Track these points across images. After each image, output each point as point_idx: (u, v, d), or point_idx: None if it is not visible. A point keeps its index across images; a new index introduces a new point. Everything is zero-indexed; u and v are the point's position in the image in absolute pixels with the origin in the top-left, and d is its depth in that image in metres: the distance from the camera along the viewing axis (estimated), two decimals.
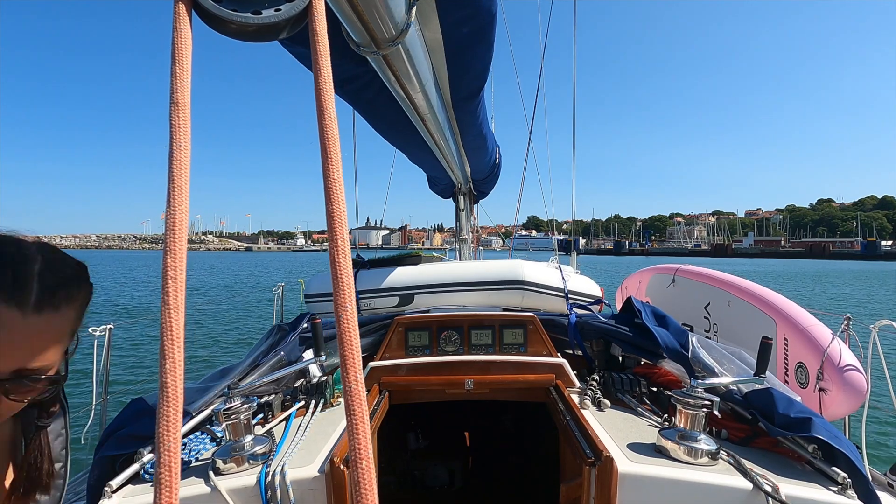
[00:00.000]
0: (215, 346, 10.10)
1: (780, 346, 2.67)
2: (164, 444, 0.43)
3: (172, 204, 0.46)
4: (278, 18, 0.58)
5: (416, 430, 3.07)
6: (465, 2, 1.62)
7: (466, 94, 2.37)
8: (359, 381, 0.50)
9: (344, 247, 0.52)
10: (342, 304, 0.51)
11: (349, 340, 0.51)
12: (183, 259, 0.46)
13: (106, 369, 2.84)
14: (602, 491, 1.23)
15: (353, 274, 0.53)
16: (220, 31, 0.59)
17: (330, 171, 0.54)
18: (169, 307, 0.45)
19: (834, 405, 2.31)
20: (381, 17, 1.29)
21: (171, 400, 0.43)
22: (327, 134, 0.55)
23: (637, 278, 4.67)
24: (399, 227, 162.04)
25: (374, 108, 2.36)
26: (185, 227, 0.47)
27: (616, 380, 1.90)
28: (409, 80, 1.79)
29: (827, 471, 1.26)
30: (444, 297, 3.03)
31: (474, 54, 1.96)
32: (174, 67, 0.49)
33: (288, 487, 1.23)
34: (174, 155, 0.48)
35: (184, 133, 0.48)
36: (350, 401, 0.49)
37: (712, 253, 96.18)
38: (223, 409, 1.34)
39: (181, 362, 0.45)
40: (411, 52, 1.60)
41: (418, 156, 3.48)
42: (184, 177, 0.47)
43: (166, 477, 0.42)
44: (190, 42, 0.51)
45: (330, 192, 0.53)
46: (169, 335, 0.44)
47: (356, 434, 0.48)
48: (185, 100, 0.49)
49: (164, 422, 0.43)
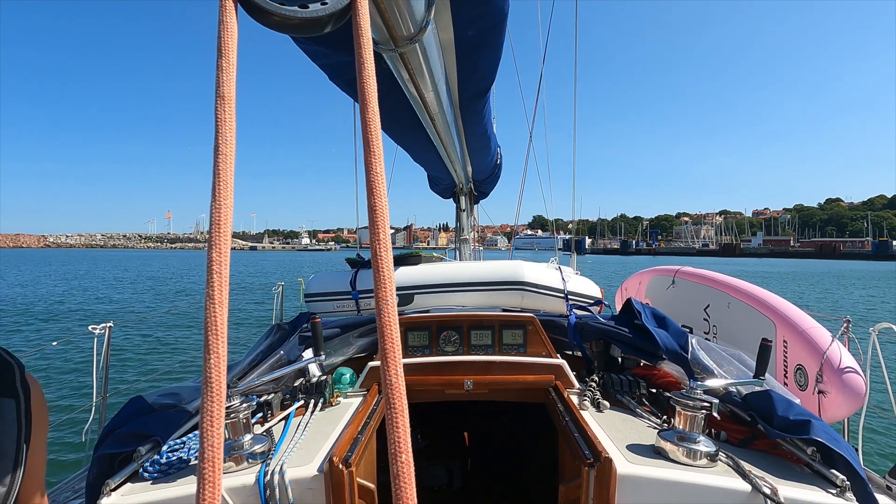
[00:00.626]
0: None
1: (779, 348, 2.67)
2: (208, 439, 0.42)
3: (217, 198, 0.46)
4: (324, 13, 0.59)
5: (416, 430, 3.07)
6: (479, 0, 1.61)
7: (474, 93, 2.37)
8: (398, 374, 0.49)
9: (386, 241, 0.52)
10: (383, 297, 0.51)
11: (390, 335, 0.50)
12: (227, 253, 0.45)
13: (105, 368, 2.85)
14: (601, 492, 1.23)
15: (393, 269, 0.52)
16: (264, 24, 0.59)
17: (373, 164, 0.53)
18: (213, 301, 0.44)
19: (833, 407, 2.32)
20: (401, 14, 1.28)
21: (214, 395, 0.42)
22: (370, 127, 0.54)
23: (637, 280, 4.67)
24: (404, 227, 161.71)
25: (384, 107, 2.35)
26: (229, 221, 0.46)
27: (615, 381, 1.90)
28: (422, 79, 1.78)
29: (825, 473, 1.26)
30: (444, 298, 3.03)
31: (484, 54, 1.95)
32: (220, 61, 0.49)
33: (287, 486, 1.23)
34: (220, 149, 0.47)
35: (229, 127, 0.48)
36: (390, 394, 0.48)
37: (720, 253, 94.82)
38: None
39: (225, 357, 0.44)
40: (427, 50, 1.60)
41: (423, 155, 3.48)
42: (229, 171, 0.47)
43: (209, 472, 0.41)
44: (236, 35, 0.50)
45: (372, 186, 0.53)
46: (213, 330, 0.43)
47: (395, 427, 0.47)
48: (231, 94, 0.49)
49: (208, 417, 0.42)
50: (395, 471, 0.46)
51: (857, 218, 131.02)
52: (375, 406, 1.79)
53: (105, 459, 1.33)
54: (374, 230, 0.52)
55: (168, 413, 1.51)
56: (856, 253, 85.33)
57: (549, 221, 6.17)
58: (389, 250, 0.52)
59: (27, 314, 14.52)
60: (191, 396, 1.60)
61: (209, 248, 0.45)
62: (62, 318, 13.92)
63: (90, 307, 16.59)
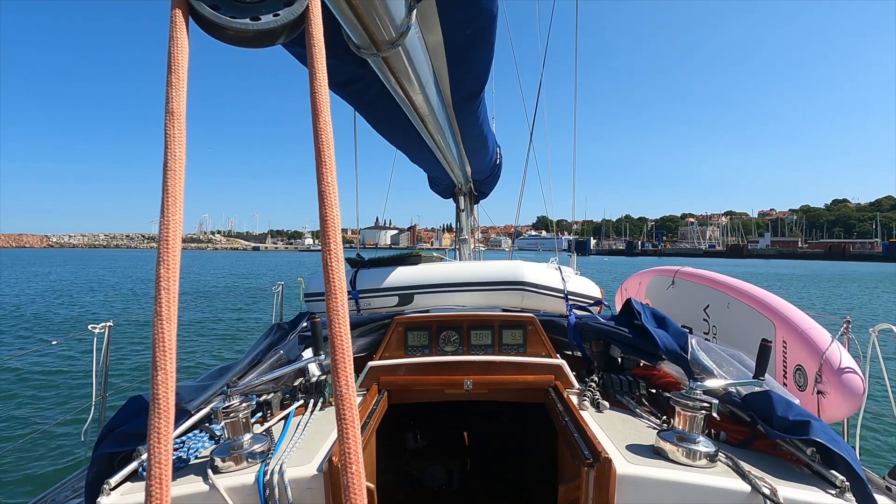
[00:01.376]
0: (214, 344, 10.10)
1: (778, 349, 2.68)
2: (156, 455, 0.41)
3: (166, 214, 0.45)
4: (276, 24, 0.58)
5: (415, 429, 3.07)
6: (467, 4, 1.62)
7: (467, 94, 2.37)
8: (349, 385, 0.50)
9: (337, 251, 0.52)
10: (334, 307, 0.51)
11: (341, 344, 0.50)
12: (176, 269, 0.45)
13: (105, 367, 2.85)
14: (600, 492, 1.23)
15: (345, 278, 0.52)
16: (218, 38, 0.58)
17: (324, 174, 0.53)
18: (162, 318, 0.43)
19: (832, 408, 2.32)
20: (381, 19, 1.29)
21: (162, 413, 0.42)
22: (322, 137, 0.54)
23: (637, 280, 4.68)
24: (408, 227, 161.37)
25: (375, 109, 2.36)
26: (178, 237, 0.46)
27: (615, 381, 1.90)
28: (409, 82, 1.79)
29: (825, 473, 1.26)
30: (444, 298, 3.03)
31: (475, 55, 1.96)
32: (170, 77, 0.49)
33: (286, 486, 1.23)
34: (169, 165, 0.47)
35: (179, 143, 0.48)
36: (341, 405, 0.49)
37: (727, 254, 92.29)
38: (222, 407, 1.34)
39: (173, 374, 0.44)
40: (411, 53, 1.61)
41: (419, 156, 3.48)
42: (178, 187, 0.47)
43: (157, 490, 0.41)
44: (187, 51, 0.50)
45: (324, 196, 0.53)
46: (161, 347, 0.43)
47: (346, 438, 0.48)
48: (181, 109, 0.48)
49: (156, 435, 0.42)
50: (346, 482, 0.47)
51: (864, 219, 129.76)
52: (375, 406, 1.79)
53: (104, 459, 1.33)
54: (326, 240, 0.52)
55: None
56: (866, 254, 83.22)
57: (551, 222, 6.17)
58: (341, 261, 0.52)
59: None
60: (190, 396, 1.60)
61: (157, 264, 0.45)
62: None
63: (48, 314, 14.63)
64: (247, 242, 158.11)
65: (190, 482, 1.24)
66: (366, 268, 3.21)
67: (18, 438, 4.70)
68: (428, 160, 3.54)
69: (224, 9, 0.56)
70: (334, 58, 1.69)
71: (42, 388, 6.84)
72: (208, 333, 11.28)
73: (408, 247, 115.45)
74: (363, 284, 3.12)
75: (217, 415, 1.35)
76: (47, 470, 4.58)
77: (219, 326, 12.19)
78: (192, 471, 1.30)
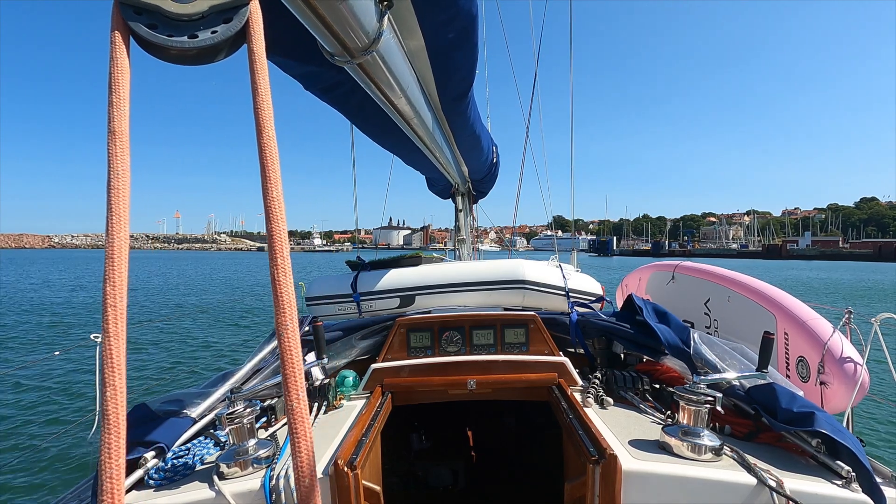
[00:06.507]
0: (215, 350, 10.09)
1: (780, 341, 2.68)
2: (107, 471, 0.41)
3: (111, 232, 0.45)
4: (216, 40, 0.58)
5: (419, 430, 3.07)
6: (444, 6, 1.61)
7: (454, 95, 2.37)
8: (301, 399, 0.50)
9: (285, 266, 0.52)
10: (283, 322, 0.51)
11: (291, 359, 0.50)
12: (123, 287, 0.45)
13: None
14: (606, 489, 1.23)
15: (294, 293, 0.53)
16: (161, 58, 0.58)
17: (269, 189, 0.53)
18: (109, 335, 0.43)
19: (835, 399, 2.32)
20: (350, 27, 1.28)
21: (112, 428, 0.41)
22: (266, 153, 0.54)
23: (637, 276, 4.68)
24: (421, 227, 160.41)
25: (361, 113, 2.36)
26: (125, 256, 0.46)
27: (618, 377, 1.91)
28: (389, 87, 1.79)
29: (831, 465, 1.26)
30: (446, 298, 3.02)
31: (459, 57, 1.96)
32: (112, 97, 0.49)
33: (292, 490, 1.23)
34: (112, 184, 0.46)
35: (122, 161, 0.48)
36: (293, 420, 0.49)
37: (764, 255, 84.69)
38: (226, 413, 1.34)
39: (123, 391, 0.43)
40: (388, 59, 1.60)
41: (411, 158, 3.48)
42: (123, 205, 0.46)
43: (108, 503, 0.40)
44: (127, 71, 0.51)
45: (270, 211, 0.53)
46: (110, 363, 0.42)
47: (298, 451, 0.48)
48: (124, 128, 0.49)
49: (107, 449, 0.41)
50: (300, 496, 0.47)
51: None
52: (379, 408, 1.79)
53: None
54: (273, 256, 0.52)
55: (172, 420, 1.51)
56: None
57: (569, 222, 6.17)
58: (289, 276, 0.52)
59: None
60: (194, 403, 1.60)
61: (104, 282, 0.44)
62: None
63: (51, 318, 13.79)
64: (252, 243, 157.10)
65: (196, 489, 1.24)
66: (366, 270, 3.20)
67: (26, 447, 4.69)
68: (421, 162, 3.54)
69: (161, 27, 0.56)
70: (314, 64, 1.69)
71: (47, 395, 6.82)
72: (206, 339, 11.23)
73: (421, 247, 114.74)
74: (364, 287, 3.12)
75: (221, 421, 1.34)
76: (53, 477, 4.58)
77: (217, 331, 12.14)
78: (198, 477, 1.30)
